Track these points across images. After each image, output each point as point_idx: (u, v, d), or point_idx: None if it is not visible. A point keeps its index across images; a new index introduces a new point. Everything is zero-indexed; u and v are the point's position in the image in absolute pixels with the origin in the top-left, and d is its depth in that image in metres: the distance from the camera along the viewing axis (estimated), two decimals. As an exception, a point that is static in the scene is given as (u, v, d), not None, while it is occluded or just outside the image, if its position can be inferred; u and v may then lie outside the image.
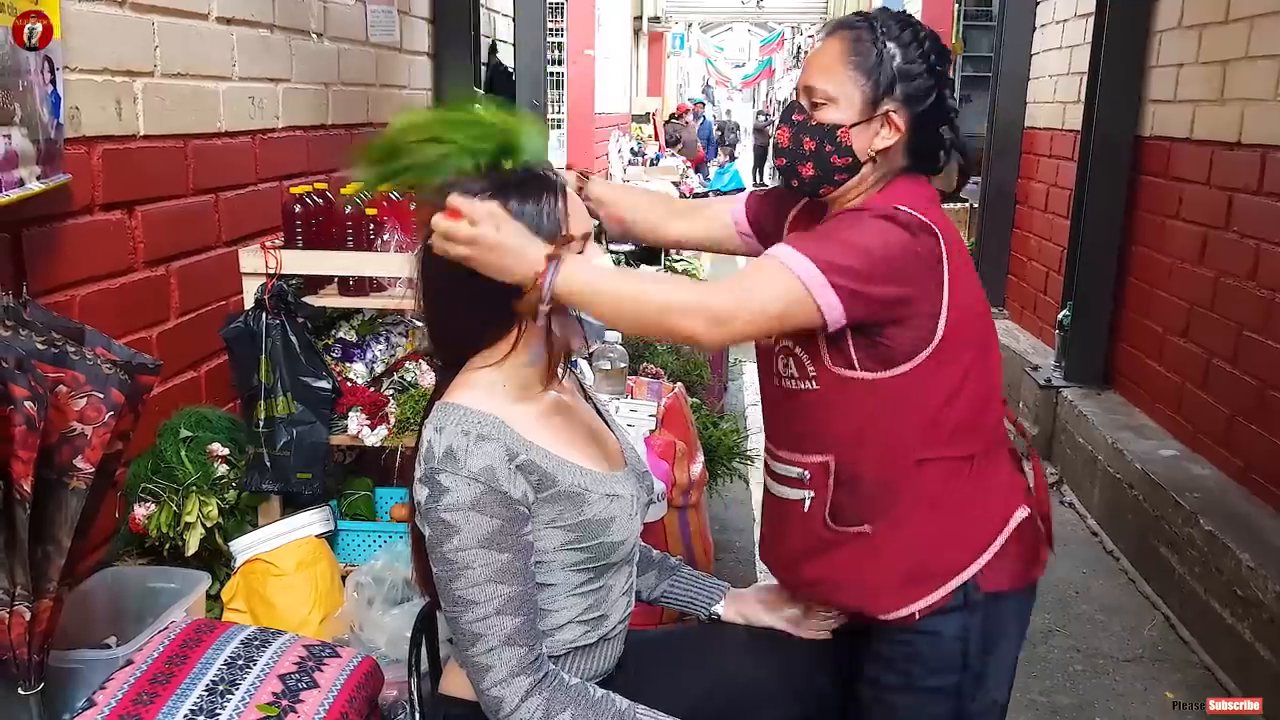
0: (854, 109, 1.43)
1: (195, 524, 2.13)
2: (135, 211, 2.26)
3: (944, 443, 1.44)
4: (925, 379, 1.39)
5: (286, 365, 2.22)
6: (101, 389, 1.49)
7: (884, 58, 1.41)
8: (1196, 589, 2.99)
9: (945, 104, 1.46)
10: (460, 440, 1.26)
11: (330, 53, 3.36)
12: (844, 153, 1.44)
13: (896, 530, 1.46)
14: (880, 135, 1.43)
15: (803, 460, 1.49)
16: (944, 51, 1.47)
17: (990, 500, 1.49)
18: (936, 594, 1.45)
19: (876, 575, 1.47)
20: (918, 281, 1.36)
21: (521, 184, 1.32)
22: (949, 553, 1.46)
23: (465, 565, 1.25)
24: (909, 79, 1.42)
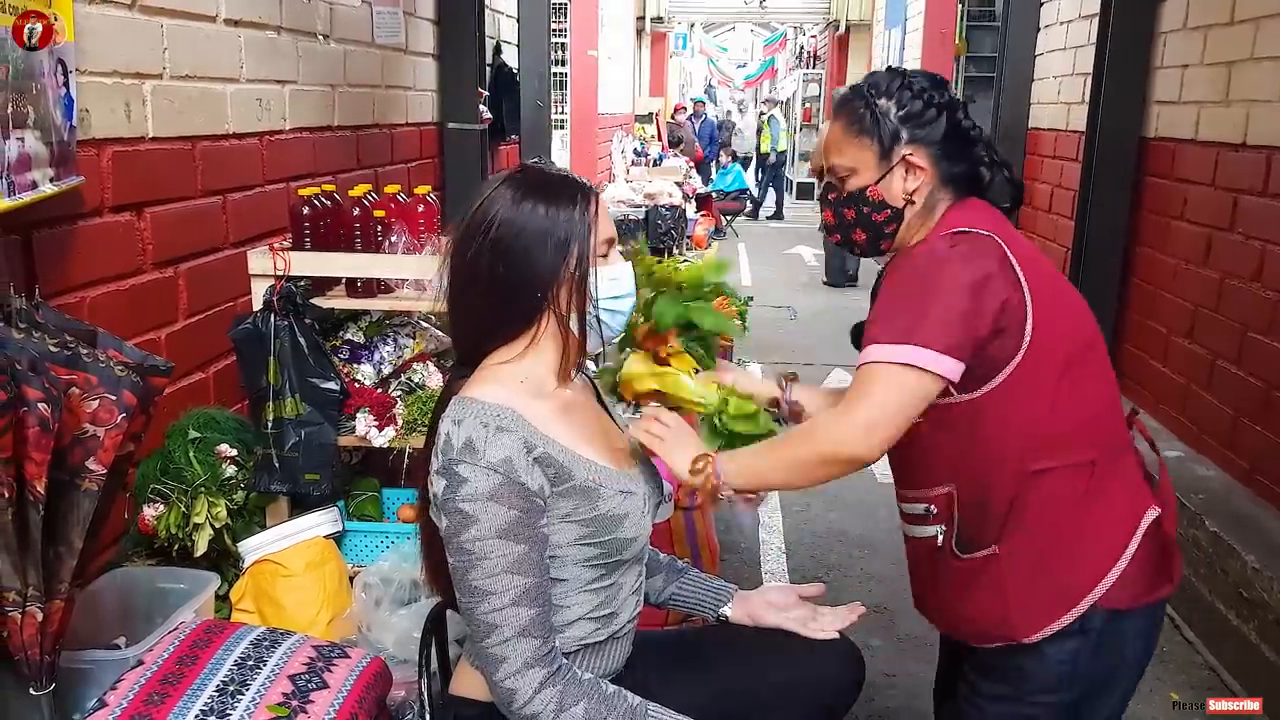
0: (871, 169, 1.52)
1: (204, 525, 2.14)
2: (144, 213, 2.27)
3: (1058, 450, 1.44)
4: (1021, 384, 1.42)
5: (295, 366, 2.23)
6: (114, 391, 1.49)
7: (878, 115, 1.50)
8: (1201, 590, 2.99)
9: (961, 126, 1.51)
10: (479, 432, 1.27)
11: (336, 54, 3.37)
12: (879, 208, 1.52)
13: (1024, 547, 1.46)
14: (907, 180, 1.51)
15: (926, 495, 1.54)
16: (939, 82, 1.53)
17: (1116, 505, 1.48)
18: (1073, 613, 1.44)
19: (1010, 599, 1.47)
20: (1000, 292, 1.39)
21: (552, 188, 1.34)
22: (1080, 566, 1.45)
23: (482, 555, 1.26)
24: (911, 120, 1.50)
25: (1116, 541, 1.46)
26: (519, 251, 1.31)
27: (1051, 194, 5.21)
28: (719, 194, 12.79)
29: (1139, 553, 1.45)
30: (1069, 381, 1.44)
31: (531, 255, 1.32)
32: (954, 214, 1.50)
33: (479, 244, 1.32)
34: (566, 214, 1.33)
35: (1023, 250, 1.45)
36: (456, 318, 1.41)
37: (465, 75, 4.66)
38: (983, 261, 1.39)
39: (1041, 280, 1.43)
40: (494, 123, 5.28)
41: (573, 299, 1.35)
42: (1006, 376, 1.41)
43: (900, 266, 1.48)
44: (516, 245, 1.31)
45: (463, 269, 1.35)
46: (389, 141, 3.94)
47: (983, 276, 1.38)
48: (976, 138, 1.53)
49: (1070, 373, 1.44)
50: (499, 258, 1.32)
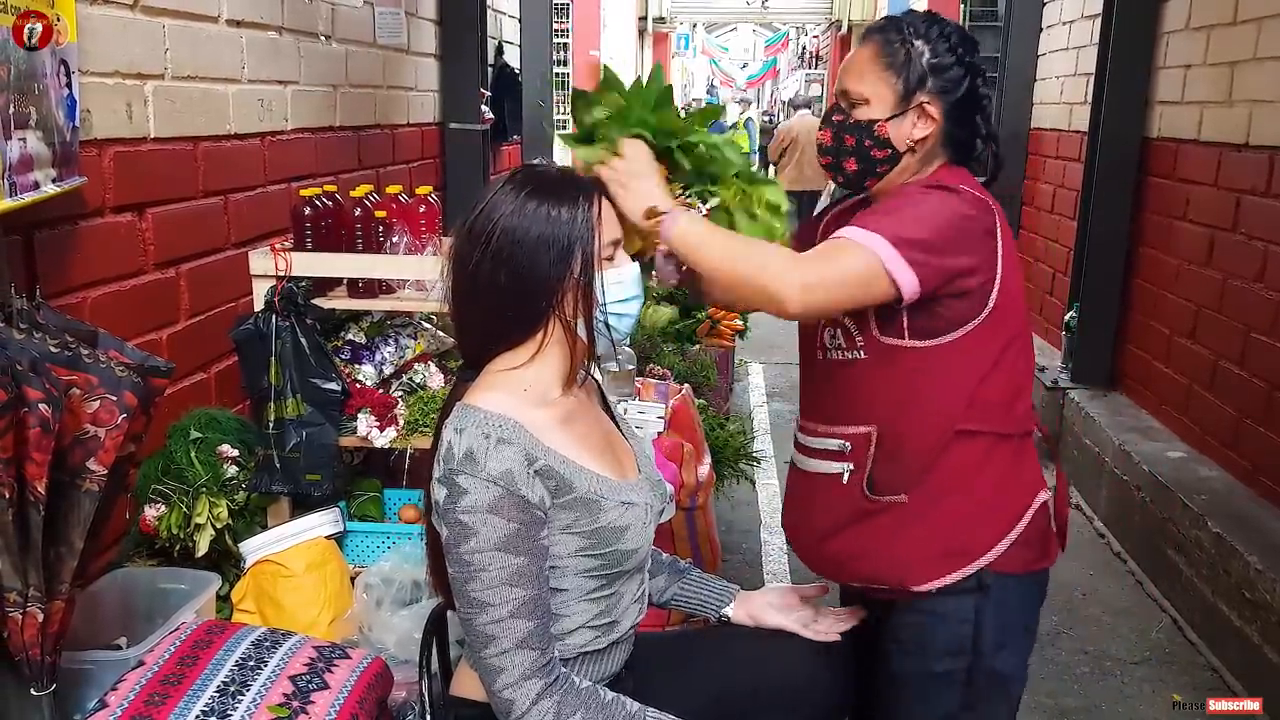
0: (887, 104, 1.51)
1: (205, 525, 2.14)
2: (146, 213, 2.27)
3: (983, 416, 1.49)
4: (970, 349, 1.45)
5: (296, 367, 2.22)
6: (114, 391, 1.49)
7: (912, 55, 1.50)
8: (1204, 591, 2.99)
9: (978, 93, 1.53)
10: (480, 443, 1.27)
11: (338, 55, 3.37)
12: (882, 145, 1.51)
13: (933, 501, 1.50)
14: (917, 126, 1.51)
15: (845, 432, 1.54)
16: (971, 42, 1.53)
17: (1021, 479, 1.55)
18: (963, 570, 1.50)
19: (910, 546, 1.51)
20: (979, 251, 1.42)
21: (555, 186, 1.33)
22: (981, 528, 1.51)
23: (481, 567, 1.26)
24: (939, 71, 1.50)
25: (1013, 512, 1.53)
26: (521, 260, 1.30)
27: (1054, 194, 5.21)
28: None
29: (1030, 526, 1.53)
30: (1009, 356, 1.49)
31: (534, 264, 1.30)
32: (945, 173, 1.53)
33: (480, 254, 1.31)
34: (568, 218, 1.31)
35: (1003, 222, 1.48)
36: (460, 325, 1.40)
37: (467, 76, 4.67)
38: (975, 214, 1.43)
39: (1010, 257, 1.47)
40: (496, 123, 5.28)
41: (578, 305, 1.33)
42: (960, 336, 1.45)
43: (901, 191, 1.51)
44: (518, 254, 1.29)
45: (465, 279, 1.34)
46: (391, 142, 3.94)
47: (972, 226, 1.42)
48: (986, 107, 1.56)
49: (1011, 348, 1.49)
50: (500, 267, 1.30)
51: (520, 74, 5.76)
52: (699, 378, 3.70)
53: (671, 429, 2.68)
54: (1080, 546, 3.69)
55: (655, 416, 2.53)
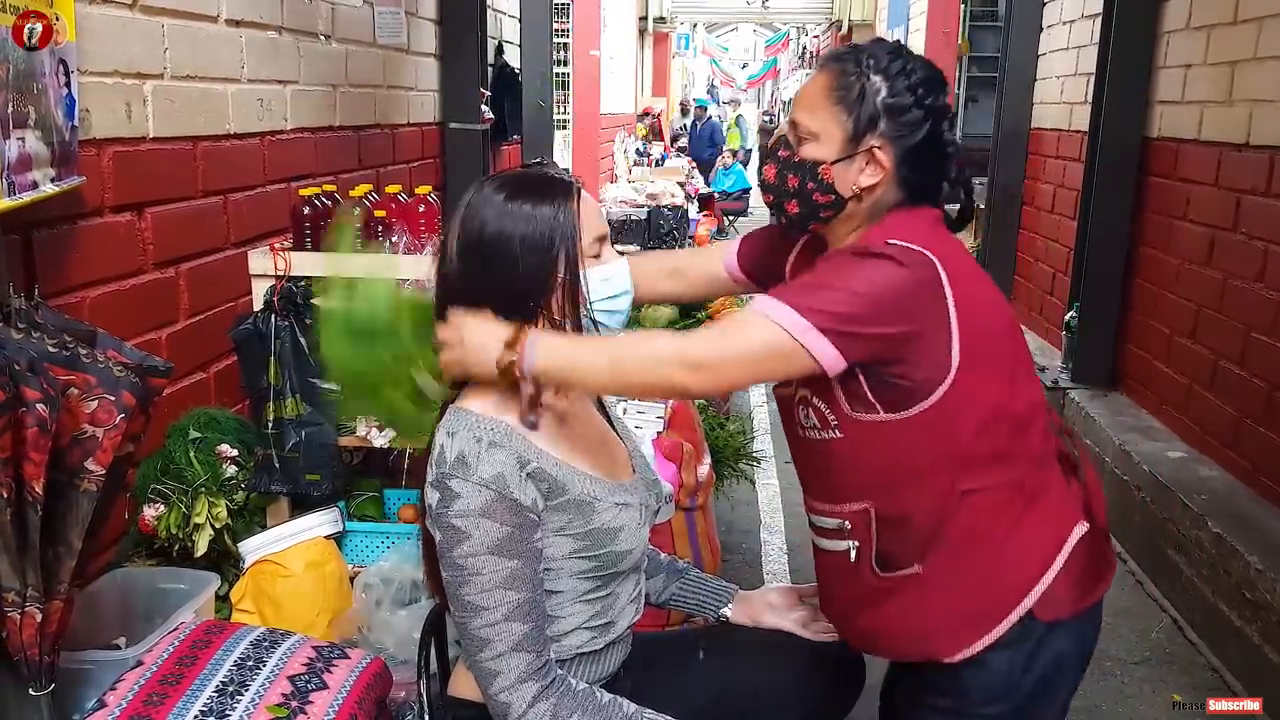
0: (835, 145, 1.38)
1: (204, 525, 2.14)
2: (145, 213, 2.27)
3: (986, 471, 1.37)
4: (952, 409, 1.33)
5: (295, 367, 2.23)
6: (113, 391, 1.49)
7: (866, 92, 1.37)
8: (1204, 591, 2.99)
9: (940, 139, 1.39)
10: (472, 446, 1.27)
11: (338, 54, 3.37)
12: (826, 190, 1.39)
13: (948, 566, 1.39)
14: (865, 173, 1.38)
15: (841, 510, 1.44)
16: (936, 82, 1.39)
17: (1045, 524, 1.42)
18: (996, 631, 1.38)
19: (933, 618, 1.41)
20: (918, 315, 1.30)
21: (535, 186, 1.33)
22: (1005, 584, 1.39)
23: (475, 571, 1.25)
24: (894, 113, 1.36)
25: (1042, 558, 1.40)
26: (504, 265, 1.29)
27: (1054, 194, 5.20)
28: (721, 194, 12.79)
29: (1068, 567, 1.40)
30: (1002, 403, 1.36)
31: (517, 267, 1.29)
32: (896, 219, 1.40)
33: (463, 258, 1.31)
34: (548, 218, 1.30)
35: (957, 268, 1.34)
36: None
37: (467, 75, 4.66)
38: (912, 277, 1.29)
39: (972, 302, 1.33)
40: (496, 123, 5.28)
41: (565, 304, 1.32)
42: (937, 400, 1.32)
43: (834, 254, 1.41)
44: (500, 259, 1.29)
45: (450, 284, 1.34)
46: (390, 142, 3.94)
47: (906, 286, 1.29)
48: (951, 154, 1.42)
49: (1001, 393, 1.36)
50: (485, 273, 1.30)
51: (520, 74, 5.76)
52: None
53: (671, 429, 2.68)
54: (1080, 546, 3.68)
55: (654, 416, 2.53)
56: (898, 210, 1.41)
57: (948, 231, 1.43)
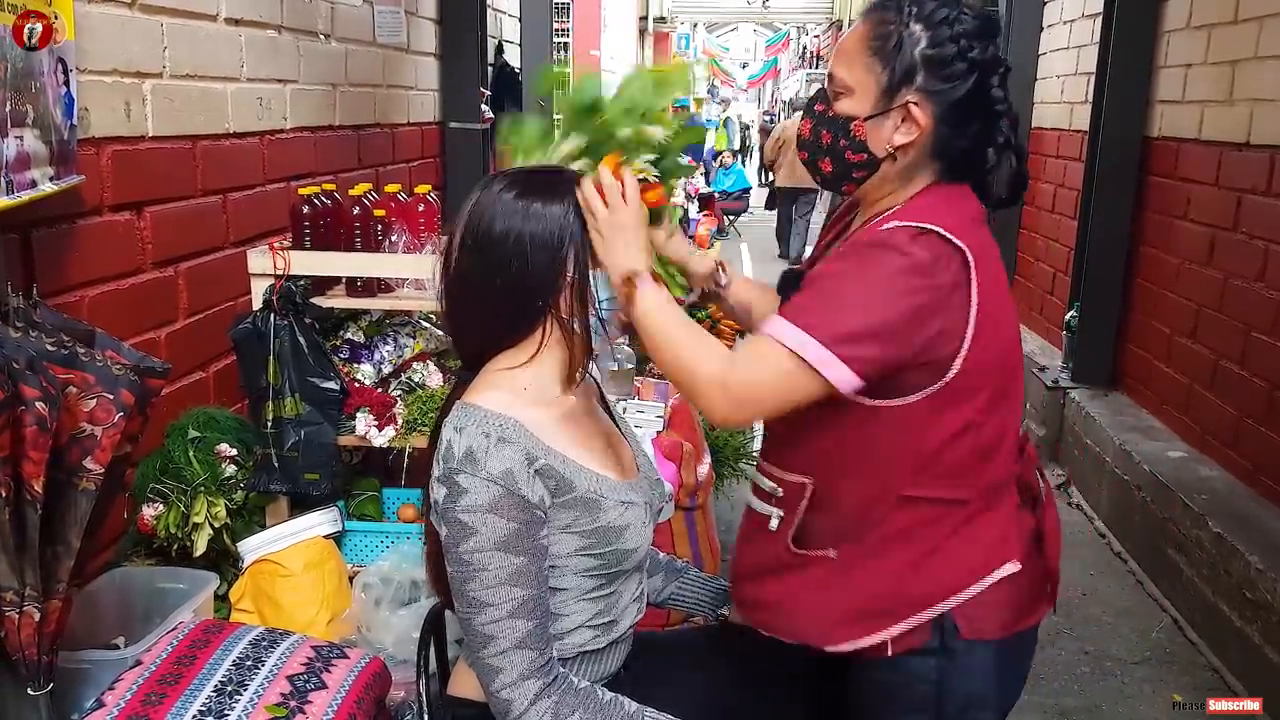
0: (869, 100, 1.30)
1: (203, 524, 2.13)
2: (144, 212, 2.27)
3: (934, 483, 1.32)
4: (928, 414, 1.28)
5: (294, 366, 2.22)
6: (111, 390, 1.49)
7: (904, 42, 1.27)
8: (1205, 591, 2.99)
9: (988, 94, 1.29)
10: (480, 442, 1.26)
11: (338, 53, 3.37)
12: (858, 148, 1.32)
13: (860, 561, 1.36)
14: (900, 130, 1.29)
15: (781, 476, 1.40)
16: (988, 29, 1.29)
17: (973, 550, 1.36)
18: (896, 628, 1.34)
19: (829, 604, 1.38)
20: (938, 318, 1.23)
21: (545, 184, 1.32)
22: (913, 592, 1.34)
23: (481, 567, 1.25)
24: (934, 65, 1.27)
25: (961, 578, 1.35)
26: (511, 264, 1.28)
27: (1055, 193, 5.20)
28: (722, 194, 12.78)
29: (992, 593, 1.35)
30: (978, 425, 1.31)
31: (525, 264, 1.28)
32: (930, 197, 1.31)
33: (470, 257, 1.30)
34: (557, 216, 1.29)
35: (986, 269, 1.26)
36: (455, 328, 1.39)
37: (467, 75, 4.66)
38: (937, 279, 1.22)
39: (991, 307, 1.27)
40: (496, 122, 5.28)
41: (574, 304, 1.32)
42: (916, 400, 1.27)
43: (853, 245, 1.31)
44: (508, 258, 1.28)
45: (457, 283, 1.33)
46: (390, 141, 3.94)
47: (928, 298, 1.22)
48: (1001, 112, 1.31)
49: (980, 417, 1.31)
50: (492, 272, 1.29)
51: (520, 73, 5.76)
52: (699, 377, 3.69)
53: (671, 428, 2.68)
54: (1081, 546, 3.69)
55: (655, 416, 2.53)
56: (943, 186, 1.33)
57: (981, 212, 1.34)
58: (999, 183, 1.34)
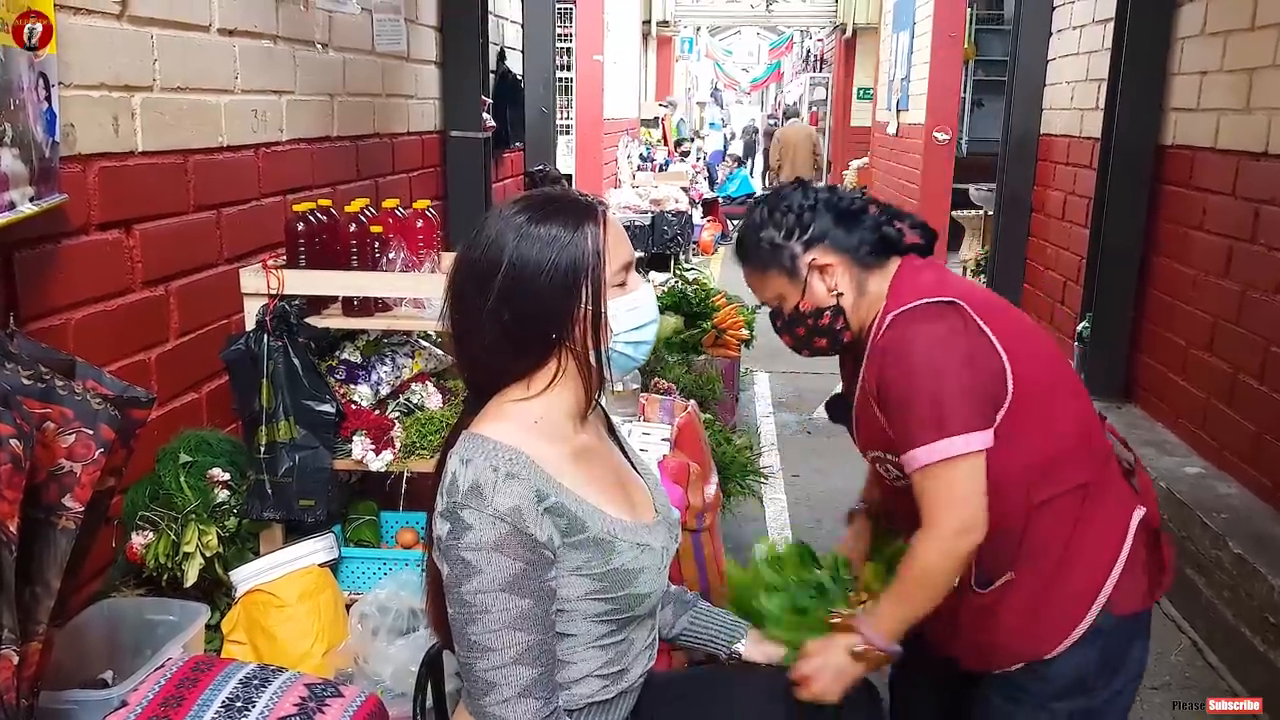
0: (791, 289, 1.62)
1: (194, 554, 2.07)
2: (133, 230, 2.20)
3: (1056, 479, 1.53)
4: (1017, 427, 1.49)
5: (289, 388, 2.16)
6: (91, 425, 1.42)
7: (773, 245, 1.61)
8: (1225, 613, 2.90)
9: (842, 206, 1.61)
10: (488, 476, 1.19)
11: (335, 63, 3.30)
12: (818, 315, 1.62)
13: (1036, 567, 1.54)
14: (825, 279, 1.60)
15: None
16: (804, 185, 1.64)
17: (1109, 513, 1.56)
18: (1088, 618, 1.53)
19: (1035, 617, 1.55)
20: (983, 355, 1.48)
21: (558, 208, 1.25)
22: (1088, 570, 1.54)
23: (484, 609, 1.18)
24: (798, 233, 1.59)
25: (1114, 547, 1.55)
26: (523, 296, 1.21)
27: (1065, 201, 5.12)
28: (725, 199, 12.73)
29: (1133, 552, 1.55)
30: (1054, 413, 1.54)
31: (538, 298, 1.21)
32: (899, 281, 1.57)
33: (481, 285, 1.22)
34: (570, 245, 1.22)
35: (979, 299, 1.53)
36: (464, 360, 1.31)
37: (468, 82, 4.59)
38: (959, 331, 1.48)
39: (1006, 326, 1.52)
40: (498, 130, 5.22)
41: (589, 336, 1.24)
42: (1000, 422, 1.48)
43: (887, 364, 1.52)
44: (520, 289, 1.21)
45: (466, 315, 1.25)
46: (390, 151, 3.87)
47: (966, 345, 1.47)
48: (860, 209, 1.61)
49: (1053, 405, 1.54)
50: (503, 304, 1.22)
51: (522, 80, 5.70)
52: (705, 391, 3.62)
53: (678, 449, 2.60)
54: (1095, 564, 3.60)
55: (660, 438, 2.46)
56: (893, 273, 1.59)
57: (938, 266, 1.62)
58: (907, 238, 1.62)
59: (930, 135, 8.69)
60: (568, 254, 1.22)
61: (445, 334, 1.31)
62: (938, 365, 1.46)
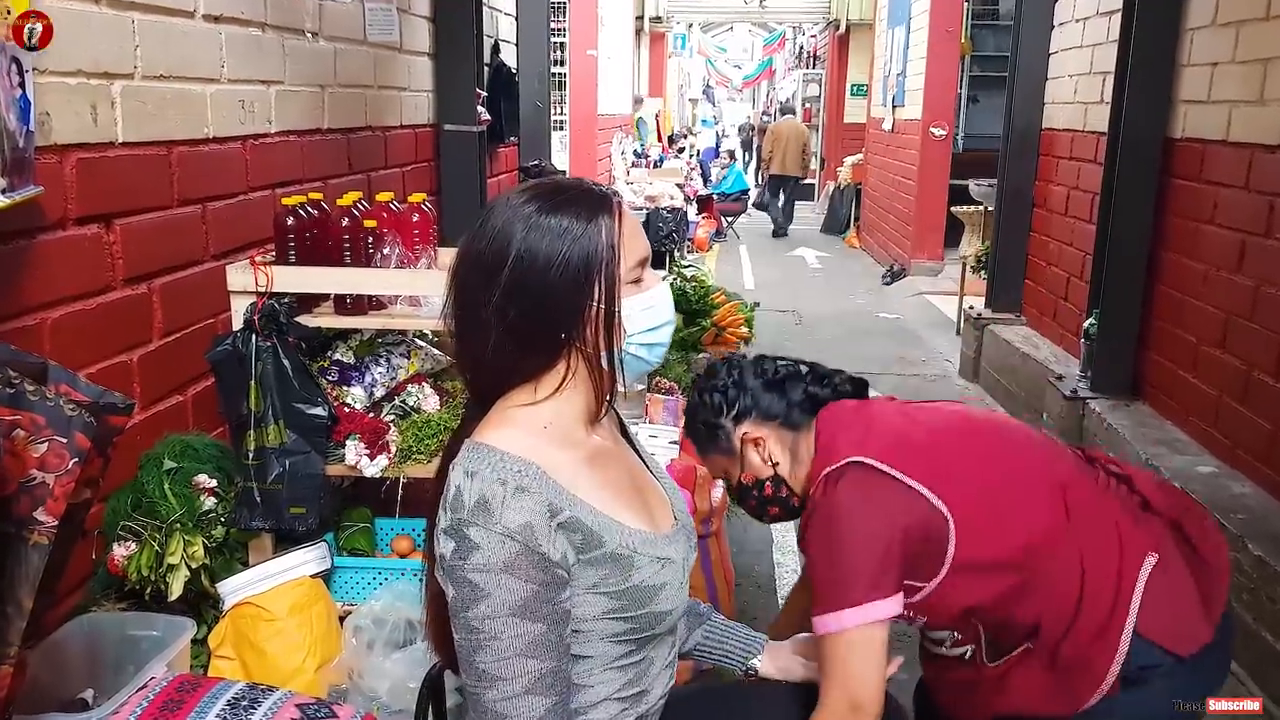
0: (731, 465, 1.68)
1: (179, 565, 1.97)
2: (113, 225, 2.09)
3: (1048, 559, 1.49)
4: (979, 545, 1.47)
5: (278, 391, 2.06)
6: (64, 433, 1.32)
7: (709, 427, 1.67)
8: (1245, 618, 2.83)
9: (769, 376, 1.66)
10: (496, 490, 1.09)
11: (326, 53, 3.20)
12: (759, 486, 1.66)
13: (1050, 630, 1.48)
14: (759, 450, 1.64)
15: (950, 629, 1.59)
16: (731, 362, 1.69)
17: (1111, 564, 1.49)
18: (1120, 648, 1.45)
19: (1059, 677, 1.48)
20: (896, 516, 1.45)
21: (570, 199, 1.16)
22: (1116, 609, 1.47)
23: (493, 635, 1.09)
24: (726, 409, 1.64)
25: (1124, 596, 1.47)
26: (531, 292, 1.12)
27: (1068, 196, 5.05)
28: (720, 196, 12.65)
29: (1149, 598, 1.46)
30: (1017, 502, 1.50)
31: (547, 294, 1.12)
32: (822, 439, 1.57)
33: (486, 281, 1.13)
34: (583, 238, 1.13)
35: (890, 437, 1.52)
36: (466, 361, 1.21)
37: (463, 75, 4.49)
38: (864, 496, 1.46)
39: (921, 458, 1.49)
40: (492, 124, 5.11)
41: (601, 335, 1.15)
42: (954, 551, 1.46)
43: (809, 527, 1.51)
44: (528, 285, 1.12)
45: (469, 312, 1.16)
46: (382, 145, 3.77)
47: (870, 513, 1.45)
48: (785, 376, 1.66)
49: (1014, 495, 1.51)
50: (509, 301, 1.12)
51: (517, 73, 5.59)
52: (707, 391, 3.53)
53: (684, 451, 2.52)
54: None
55: (669, 441, 2.37)
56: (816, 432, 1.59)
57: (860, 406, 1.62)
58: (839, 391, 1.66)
59: (927, 131, 8.63)
60: (580, 247, 1.13)
61: (446, 332, 1.22)
62: (836, 537, 1.45)
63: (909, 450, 1.50)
